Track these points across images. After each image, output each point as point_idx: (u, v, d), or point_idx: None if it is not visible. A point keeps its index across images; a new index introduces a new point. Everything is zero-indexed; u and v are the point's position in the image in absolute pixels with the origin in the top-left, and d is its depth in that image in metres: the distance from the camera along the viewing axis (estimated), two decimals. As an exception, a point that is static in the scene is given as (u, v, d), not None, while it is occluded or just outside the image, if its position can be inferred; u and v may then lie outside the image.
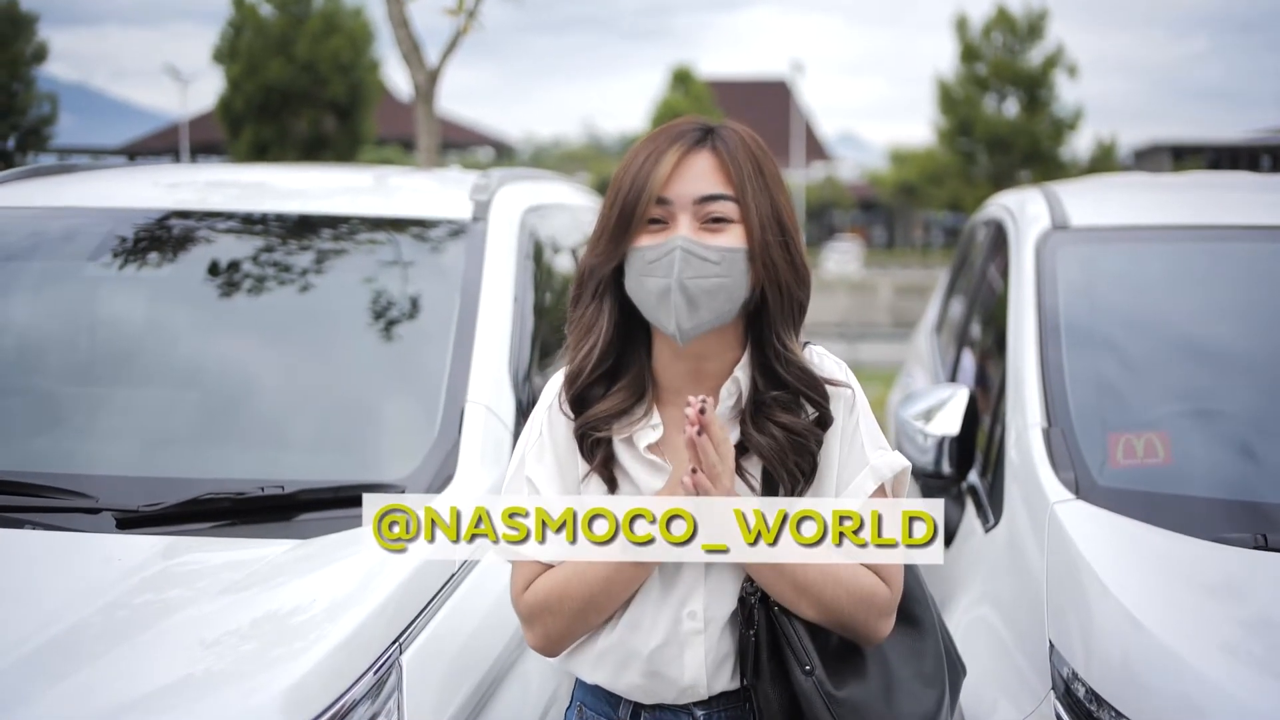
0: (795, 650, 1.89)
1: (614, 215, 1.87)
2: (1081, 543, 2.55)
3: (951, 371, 4.47)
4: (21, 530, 2.48)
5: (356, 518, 2.50)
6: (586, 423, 1.93)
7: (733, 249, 1.85)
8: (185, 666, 2.00)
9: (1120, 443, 2.88)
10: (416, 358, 3.03)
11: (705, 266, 1.83)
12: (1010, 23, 34.96)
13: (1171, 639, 2.23)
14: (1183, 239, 3.52)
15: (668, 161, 1.86)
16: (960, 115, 35.53)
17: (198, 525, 2.51)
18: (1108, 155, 36.58)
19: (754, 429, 1.90)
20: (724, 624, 1.92)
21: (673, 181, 1.86)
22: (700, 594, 1.91)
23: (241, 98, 31.75)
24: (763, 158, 1.91)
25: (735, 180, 1.86)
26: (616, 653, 1.94)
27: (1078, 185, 4.29)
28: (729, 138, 1.90)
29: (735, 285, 1.85)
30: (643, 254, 1.85)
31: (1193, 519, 2.63)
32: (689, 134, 1.90)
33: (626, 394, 1.93)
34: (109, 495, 2.55)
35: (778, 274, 1.87)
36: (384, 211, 3.45)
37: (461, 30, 7.75)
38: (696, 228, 1.85)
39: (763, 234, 1.85)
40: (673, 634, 1.91)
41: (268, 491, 2.55)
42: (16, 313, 3.21)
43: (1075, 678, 2.34)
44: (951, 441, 3.28)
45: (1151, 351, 3.24)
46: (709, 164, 1.87)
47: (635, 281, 1.87)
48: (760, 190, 1.87)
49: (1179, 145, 50.51)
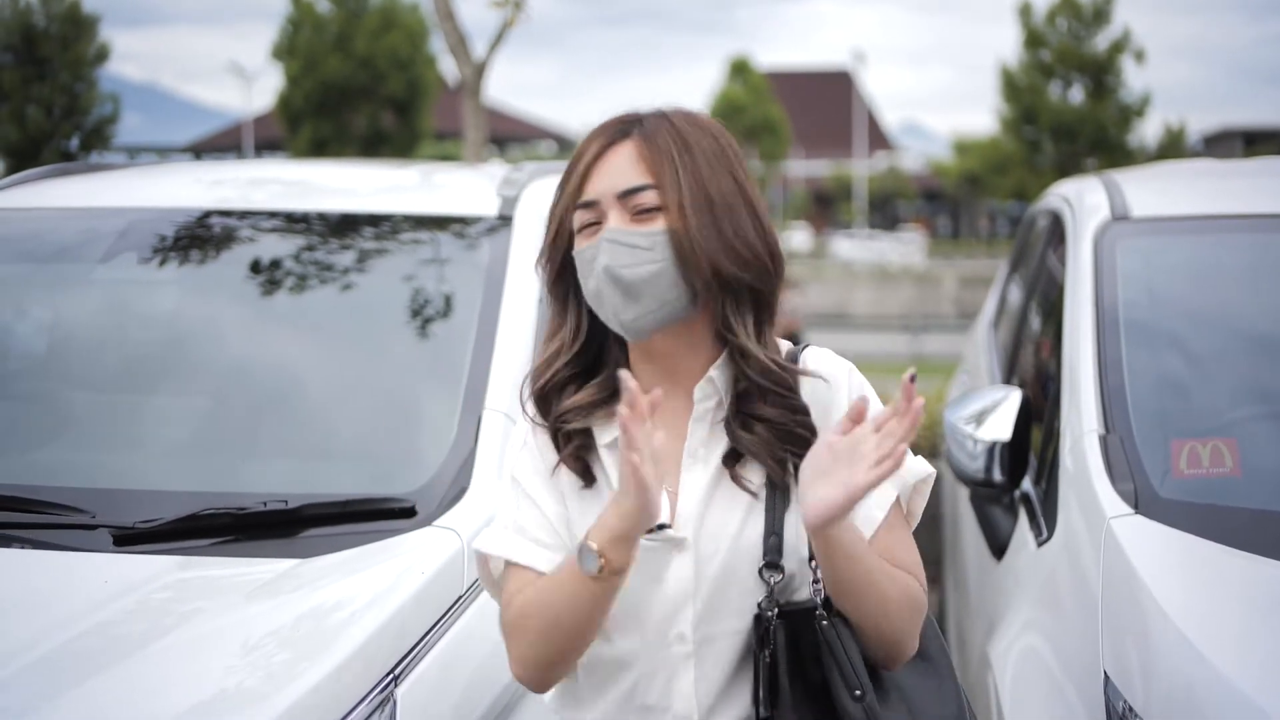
0: (845, 671, 1.75)
1: (549, 224, 1.86)
2: (1140, 562, 2.36)
3: (1007, 371, 4.30)
4: (10, 549, 2.38)
5: (362, 534, 2.42)
6: (559, 416, 1.85)
7: (659, 231, 1.77)
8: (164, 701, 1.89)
9: (1184, 451, 2.69)
10: (433, 362, 2.91)
11: (636, 254, 1.76)
12: (1075, 8, 34.55)
13: (1238, 673, 2.03)
14: (1251, 229, 3.31)
15: (584, 163, 1.82)
16: (1025, 103, 35.20)
17: (197, 542, 2.39)
18: (1176, 141, 36.09)
19: (740, 429, 1.81)
20: (722, 646, 1.79)
21: (592, 181, 1.81)
22: (689, 612, 1.78)
23: (300, 94, 32.11)
24: (695, 136, 1.81)
25: (654, 166, 1.79)
26: (600, 685, 1.83)
27: (1140, 173, 4.10)
28: (651, 124, 1.83)
29: (671, 269, 1.77)
30: (581, 256, 1.81)
31: (1264, 537, 2.43)
32: (611, 128, 1.85)
33: (596, 390, 1.86)
34: (106, 511, 2.44)
35: (710, 256, 1.76)
36: (406, 209, 3.33)
37: (508, 23, 7.70)
38: (626, 220, 1.79)
39: (689, 216, 1.76)
40: (658, 661, 1.79)
41: (270, 506, 2.43)
42: (29, 315, 3.15)
43: (1131, 713, 2.15)
44: (1003, 447, 3.10)
45: (1218, 351, 3.04)
46: (629, 155, 1.81)
47: (582, 285, 1.83)
48: (686, 170, 1.78)
49: (1251, 130, 49.77)
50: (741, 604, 1.79)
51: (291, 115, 32.47)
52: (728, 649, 1.79)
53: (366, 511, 2.46)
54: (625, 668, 1.81)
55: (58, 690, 1.91)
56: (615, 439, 1.78)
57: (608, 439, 1.83)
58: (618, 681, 1.82)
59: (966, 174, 47.37)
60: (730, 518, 1.80)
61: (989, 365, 4.79)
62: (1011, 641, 2.77)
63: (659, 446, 1.63)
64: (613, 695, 1.82)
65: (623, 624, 1.80)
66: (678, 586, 1.79)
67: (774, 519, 1.80)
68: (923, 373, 1.90)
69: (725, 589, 1.78)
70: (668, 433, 1.79)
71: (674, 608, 1.79)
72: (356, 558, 2.33)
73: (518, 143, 54.98)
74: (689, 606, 1.78)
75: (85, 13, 29.16)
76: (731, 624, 1.79)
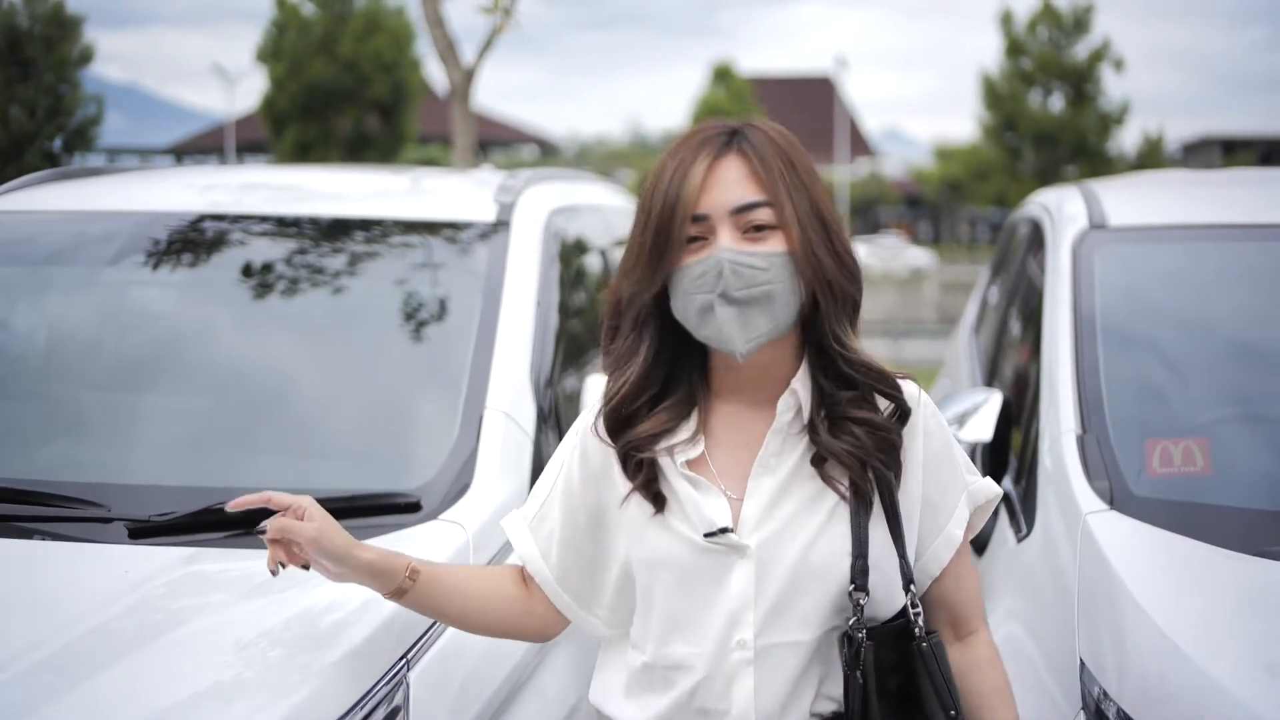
0: (940, 691, 1.80)
1: (649, 238, 1.79)
2: (1114, 556, 2.47)
3: (988, 374, 4.40)
4: (30, 541, 2.44)
5: (369, 528, 2.48)
6: (629, 443, 1.86)
7: (778, 253, 1.76)
8: (184, 685, 1.96)
9: (1157, 450, 2.79)
10: (435, 363, 2.99)
11: (754, 275, 1.75)
12: (1056, 17, 34.71)
13: (1208, 660, 2.14)
14: (1224, 239, 3.43)
15: (696, 174, 1.78)
16: (1006, 110, 35.32)
17: (211, 535, 2.45)
18: (1155, 150, 36.26)
19: (831, 435, 1.81)
20: (784, 655, 1.80)
21: (705, 194, 1.77)
22: (750, 619, 1.80)
23: (285, 97, 32.00)
24: (793, 152, 1.82)
25: (768, 183, 1.78)
26: (653, 685, 1.87)
27: (1117, 183, 4.20)
28: (755, 138, 1.81)
29: (786, 291, 1.77)
30: (687, 272, 1.78)
31: (1233, 532, 2.54)
32: (714, 139, 1.81)
33: (670, 414, 1.86)
34: (122, 504, 2.51)
35: (825, 273, 1.78)
36: (406, 214, 3.41)
37: (497, 29, 7.76)
38: (738, 238, 1.77)
39: (805, 234, 1.77)
40: (718, 666, 1.81)
41: None
42: (32, 317, 3.20)
43: (1106, 698, 2.26)
44: (984, 448, 3.21)
45: (1191, 356, 3.15)
46: (740, 170, 1.79)
47: (682, 302, 1.79)
48: (796, 188, 1.78)
49: (1229, 139, 50.02)
50: (808, 616, 1.80)
51: (276, 118, 32.38)
52: (790, 658, 1.80)
53: (374, 506, 2.54)
54: (685, 671, 1.83)
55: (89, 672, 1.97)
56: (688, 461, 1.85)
57: (682, 460, 1.85)
58: (676, 684, 1.83)
59: (948, 180, 47.51)
60: (799, 529, 1.81)
61: (970, 369, 4.88)
62: (992, 631, 2.87)
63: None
64: (671, 697, 1.84)
65: (684, 628, 1.83)
66: (739, 593, 1.80)
67: (860, 536, 1.80)
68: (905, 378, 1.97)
69: (791, 600, 1.80)
70: (741, 442, 1.86)
71: (735, 614, 1.80)
72: (365, 550, 2.42)
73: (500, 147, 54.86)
74: (749, 613, 1.80)
75: (69, 13, 29.00)
76: (796, 634, 1.80)
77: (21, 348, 3.14)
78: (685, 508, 1.83)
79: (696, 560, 1.82)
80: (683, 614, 1.83)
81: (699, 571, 1.82)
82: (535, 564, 1.97)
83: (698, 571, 1.82)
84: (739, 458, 1.85)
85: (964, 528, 1.91)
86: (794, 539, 1.80)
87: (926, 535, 1.90)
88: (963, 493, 1.91)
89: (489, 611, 1.99)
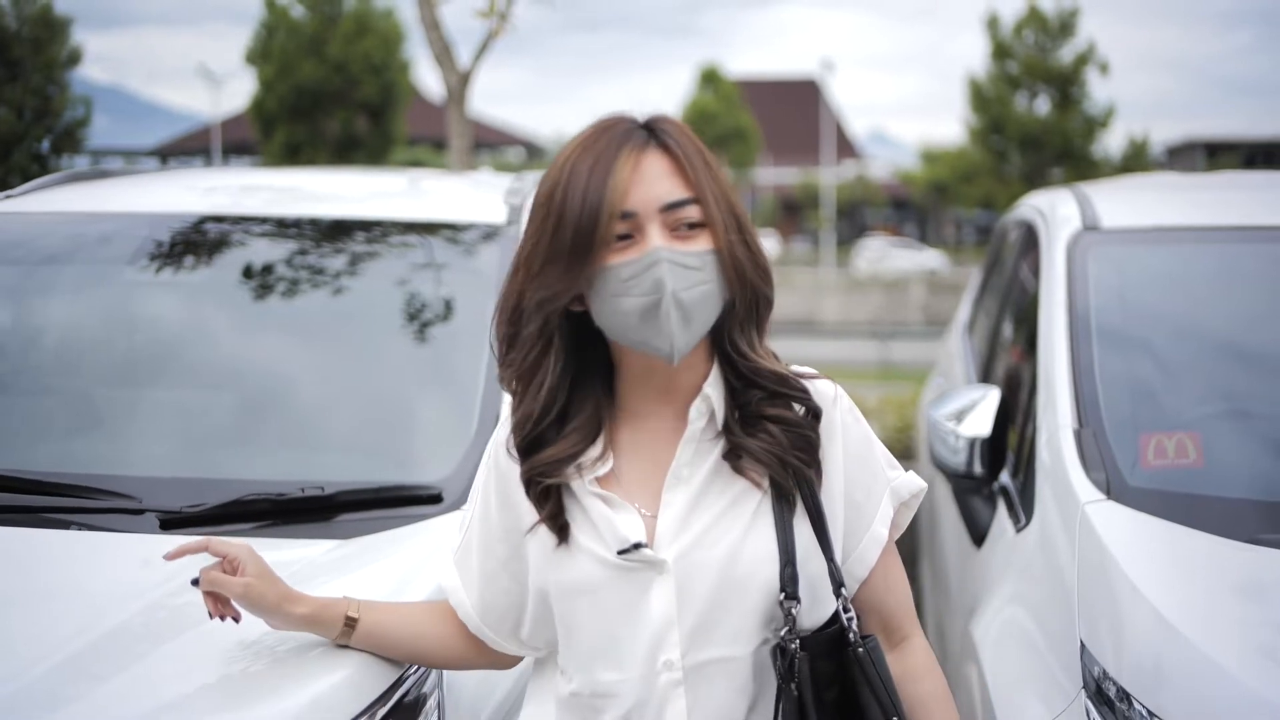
0: (881, 697, 1.71)
1: (567, 237, 1.65)
2: (1112, 543, 2.57)
3: (983, 372, 4.48)
4: (67, 531, 2.52)
5: (395, 518, 2.58)
6: (536, 469, 1.76)
7: (708, 252, 1.69)
8: (224, 668, 2.02)
9: (1152, 443, 2.89)
10: (452, 360, 3.06)
11: (691, 275, 1.66)
12: (1041, 20, 34.79)
13: (1201, 638, 2.24)
14: (1213, 240, 3.53)
15: (623, 169, 1.66)
16: (992, 113, 35.38)
17: (239, 526, 2.53)
18: (1140, 153, 36.37)
19: (746, 435, 1.74)
20: (716, 672, 1.72)
21: (633, 190, 1.67)
22: (674, 638, 1.71)
23: (274, 98, 31.91)
24: (705, 150, 1.74)
25: (694, 180, 1.69)
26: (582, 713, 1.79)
27: (1109, 186, 4.29)
28: (674, 132, 1.72)
29: (716, 291, 1.70)
30: (616, 273, 1.66)
31: (1224, 520, 2.63)
32: (633, 133, 1.70)
33: (580, 435, 1.76)
34: (152, 496, 2.59)
35: (744, 272, 1.71)
36: (420, 216, 3.50)
37: (493, 32, 7.78)
38: (667, 236, 1.67)
39: (727, 233, 1.70)
40: (648, 690, 1.72)
41: (308, 493, 2.57)
42: (59, 316, 3.26)
43: (1106, 677, 2.35)
44: (983, 442, 3.29)
45: (1182, 353, 3.25)
46: (664, 166, 1.69)
47: (607, 304, 1.68)
48: (716, 184, 1.71)
49: (1213, 142, 50.22)
50: (738, 630, 1.72)
51: (265, 119, 32.33)
52: (721, 676, 1.72)
53: (397, 498, 2.63)
54: (613, 699, 1.74)
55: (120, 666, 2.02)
56: (601, 476, 1.77)
57: (591, 478, 1.76)
58: (605, 712, 1.75)
59: (934, 182, 47.59)
60: (720, 538, 1.73)
61: (965, 367, 4.97)
62: (992, 617, 2.96)
63: (636, 469, 1.76)
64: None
65: (608, 653, 1.75)
66: (660, 611, 1.71)
67: (786, 540, 1.72)
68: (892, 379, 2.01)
69: (716, 614, 1.71)
70: (649, 456, 1.78)
71: (659, 634, 1.71)
72: (394, 539, 2.49)
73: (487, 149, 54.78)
74: (673, 632, 1.71)
75: (58, 15, 28.83)
76: (726, 650, 1.72)
77: (51, 345, 3.20)
78: (598, 527, 1.75)
79: (613, 581, 1.73)
80: (605, 639, 1.75)
81: (617, 593, 1.73)
82: (458, 599, 1.92)
83: (615, 593, 1.73)
84: (648, 472, 1.77)
85: (889, 525, 1.84)
86: (714, 548, 1.72)
87: (852, 536, 1.81)
88: (886, 489, 1.84)
89: (437, 650, 1.98)
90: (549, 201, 1.69)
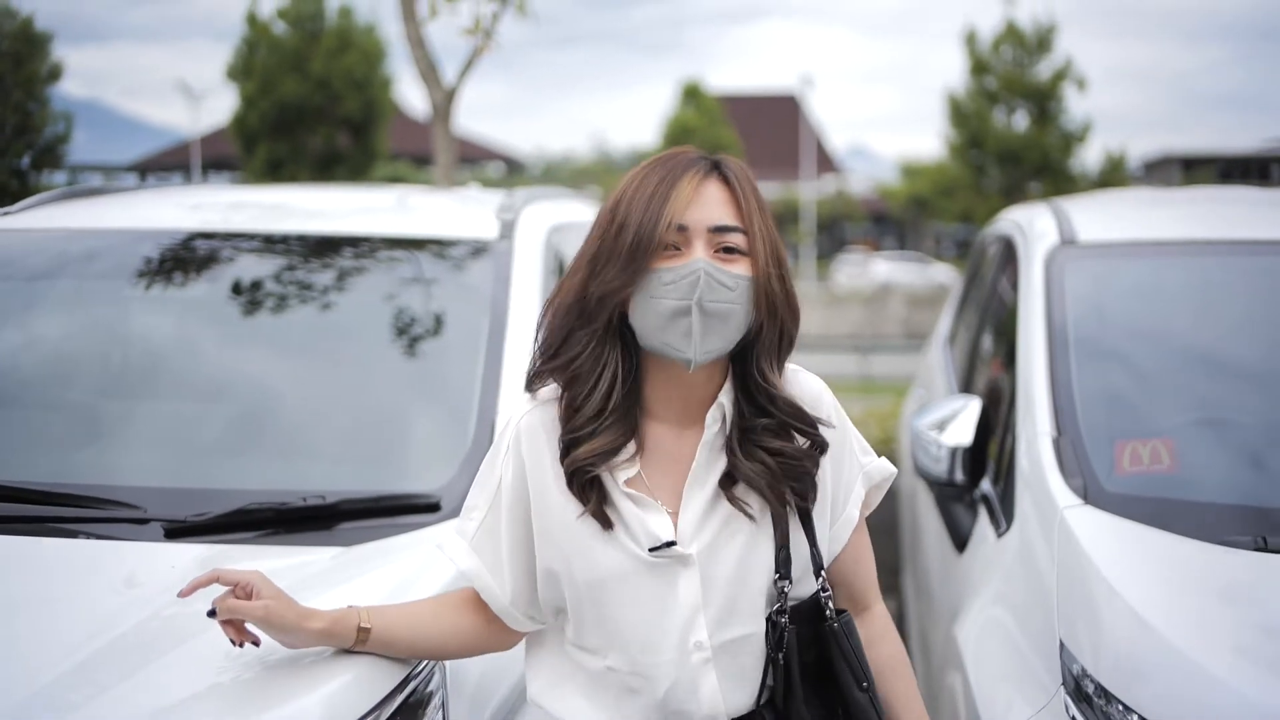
0: (853, 665, 1.94)
1: (629, 239, 1.85)
2: (1090, 546, 2.65)
3: (964, 383, 4.56)
4: (75, 540, 2.57)
5: (395, 526, 2.63)
6: (575, 463, 1.92)
7: (744, 277, 1.87)
8: (232, 673, 2.05)
9: (1127, 450, 2.97)
10: (449, 373, 3.13)
11: (722, 291, 1.85)
12: (1019, 37, 34.94)
13: (1176, 635, 2.33)
14: (1187, 254, 3.62)
15: (685, 188, 1.86)
16: (971, 128, 35.51)
17: (243, 535, 2.58)
18: (1117, 167, 36.55)
19: (743, 456, 1.93)
20: (738, 648, 1.93)
21: (691, 208, 1.86)
22: (702, 622, 1.92)
23: (256, 114, 31.87)
24: (759, 194, 1.94)
25: (745, 212, 1.89)
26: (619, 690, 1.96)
27: (1086, 201, 4.38)
28: (736, 170, 1.93)
29: (743, 314, 1.88)
30: (658, 276, 1.85)
31: (1197, 523, 2.72)
32: (700, 163, 1.91)
33: (615, 432, 1.92)
34: (157, 506, 2.64)
35: (776, 305, 1.91)
36: (414, 232, 3.57)
37: (479, 50, 7.82)
38: (710, 254, 1.86)
39: (766, 266, 1.89)
40: (683, 669, 1.92)
41: (310, 502, 2.63)
42: (62, 330, 3.31)
43: (1084, 674, 2.43)
44: (964, 451, 3.38)
45: (1157, 363, 3.33)
46: (721, 194, 1.89)
47: (645, 304, 1.86)
48: (764, 223, 1.90)
49: (1189, 156, 50.45)
50: (752, 610, 1.92)
51: (247, 135, 32.30)
52: (743, 650, 1.93)
53: (396, 506, 2.69)
54: (652, 680, 1.92)
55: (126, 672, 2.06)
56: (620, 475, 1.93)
57: (623, 478, 1.93)
58: (643, 692, 1.93)
59: (913, 197, 47.75)
60: (734, 534, 1.92)
61: (946, 379, 5.05)
62: (975, 618, 3.04)
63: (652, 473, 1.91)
64: (643, 703, 1.93)
65: (642, 638, 1.92)
66: (688, 600, 1.90)
67: (781, 533, 1.93)
68: (872, 392, 2.11)
69: (734, 599, 1.91)
70: (670, 458, 1.96)
71: (688, 620, 1.90)
72: (393, 546, 2.56)
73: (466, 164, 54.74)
74: (701, 616, 1.90)
75: (38, 30, 28.69)
76: (744, 629, 1.92)
77: (55, 359, 3.25)
78: (630, 525, 1.92)
79: (644, 574, 1.91)
80: (638, 625, 1.92)
81: (648, 584, 1.91)
82: (483, 582, 2.01)
83: (647, 584, 1.91)
84: (669, 471, 1.95)
85: (860, 507, 2.06)
86: (730, 542, 1.92)
87: (827, 519, 2.02)
88: (859, 474, 2.05)
89: (449, 641, 2.08)
90: (616, 207, 1.90)
